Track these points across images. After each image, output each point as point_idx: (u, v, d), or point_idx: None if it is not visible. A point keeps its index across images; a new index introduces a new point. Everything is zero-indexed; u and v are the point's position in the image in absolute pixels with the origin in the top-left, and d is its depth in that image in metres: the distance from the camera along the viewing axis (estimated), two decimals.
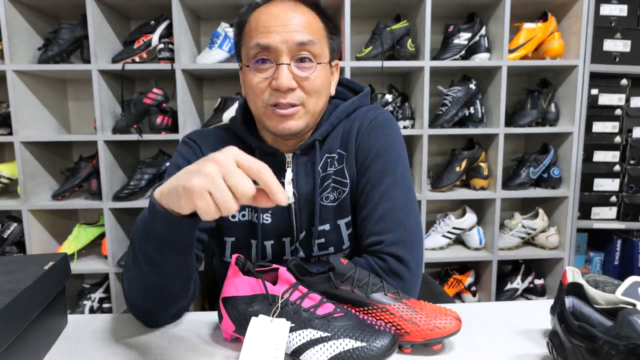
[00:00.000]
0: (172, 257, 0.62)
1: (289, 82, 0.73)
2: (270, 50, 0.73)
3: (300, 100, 0.75)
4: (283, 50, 0.73)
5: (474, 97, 1.83)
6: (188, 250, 0.64)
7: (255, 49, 0.74)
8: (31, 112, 1.71)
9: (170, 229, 0.58)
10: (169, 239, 0.59)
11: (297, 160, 0.82)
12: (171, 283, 0.66)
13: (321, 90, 0.78)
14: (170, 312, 0.70)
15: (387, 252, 0.75)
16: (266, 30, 0.73)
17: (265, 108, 0.76)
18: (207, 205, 0.49)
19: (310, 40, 0.74)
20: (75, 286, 1.89)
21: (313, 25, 0.76)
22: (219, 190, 0.48)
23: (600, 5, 1.81)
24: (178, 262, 0.63)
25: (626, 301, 0.55)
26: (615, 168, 1.88)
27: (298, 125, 0.77)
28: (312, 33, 0.75)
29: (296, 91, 0.75)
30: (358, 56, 1.77)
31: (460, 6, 1.83)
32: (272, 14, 0.74)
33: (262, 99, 0.76)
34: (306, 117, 0.78)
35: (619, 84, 1.85)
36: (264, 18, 0.74)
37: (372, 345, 0.55)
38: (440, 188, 1.85)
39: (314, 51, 0.74)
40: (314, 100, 0.77)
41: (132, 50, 1.72)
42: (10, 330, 0.50)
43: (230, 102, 1.77)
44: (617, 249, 1.97)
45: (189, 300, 0.73)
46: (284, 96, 0.74)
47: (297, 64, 0.74)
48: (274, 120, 0.76)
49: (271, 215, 0.83)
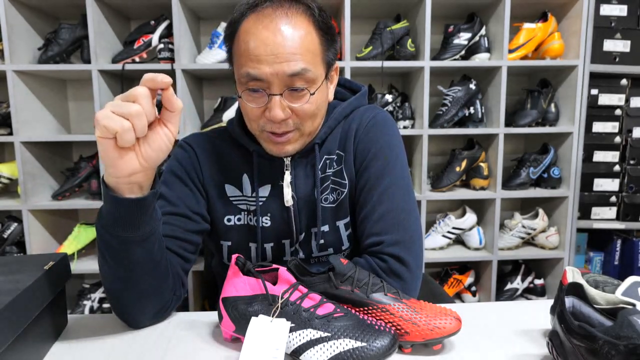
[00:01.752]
0: (131, 247, 0.63)
1: (282, 114, 0.71)
2: (262, 81, 0.70)
3: (296, 126, 0.75)
4: (274, 82, 0.69)
5: (474, 97, 1.83)
6: (146, 239, 0.64)
7: (246, 78, 0.71)
8: (31, 112, 1.71)
9: (118, 209, 0.60)
10: (121, 221, 0.61)
11: (296, 163, 0.82)
12: (138, 278, 0.66)
13: (317, 112, 0.76)
14: (147, 311, 0.69)
15: (387, 252, 0.75)
16: (256, 59, 0.69)
17: (260, 132, 0.76)
18: (113, 123, 0.54)
19: (303, 68, 0.69)
20: (75, 286, 1.89)
21: (307, 45, 0.70)
22: (110, 122, 0.54)
23: (600, 5, 1.81)
24: (137, 253, 0.64)
25: (626, 301, 0.55)
26: (615, 168, 1.88)
27: (295, 147, 0.77)
28: (305, 58, 0.70)
29: (290, 119, 0.73)
30: (358, 56, 1.77)
31: (460, 6, 1.83)
32: (262, 39, 0.68)
33: (258, 124, 0.75)
34: (302, 139, 0.78)
35: (618, 84, 1.85)
36: (253, 44, 0.69)
37: (372, 345, 0.55)
38: (440, 188, 1.85)
39: (307, 78, 0.71)
40: (309, 123, 0.76)
41: (132, 50, 1.72)
42: (10, 330, 0.50)
43: (230, 102, 1.77)
44: (617, 249, 1.97)
45: (170, 301, 0.72)
46: (278, 126, 0.73)
47: (290, 93, 0.71)
48: (270, 145, 0.77)
49: (270, 218, 0.83)
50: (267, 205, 0.82)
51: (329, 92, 0.81)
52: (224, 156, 0.85)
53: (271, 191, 0.82)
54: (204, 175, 0.83)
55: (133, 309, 0.69)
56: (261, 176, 0.83)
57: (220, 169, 0.84)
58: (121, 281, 0.66)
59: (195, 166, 0.83)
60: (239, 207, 0.84)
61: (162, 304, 0.71)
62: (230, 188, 0.84)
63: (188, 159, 0.84)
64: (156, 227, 0.65)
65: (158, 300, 0.70)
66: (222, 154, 0.85)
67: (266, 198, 0.82)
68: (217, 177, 0.84)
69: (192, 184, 0.82)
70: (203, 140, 0.86)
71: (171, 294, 0.72)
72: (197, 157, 0.84)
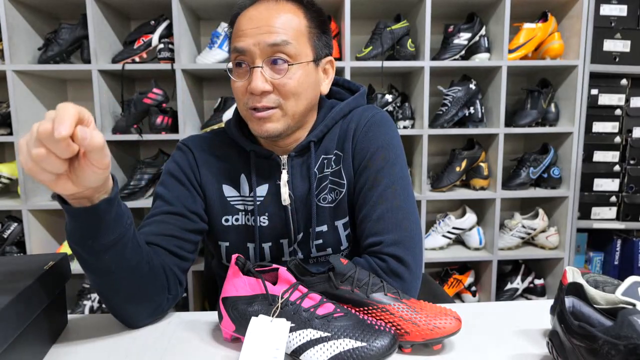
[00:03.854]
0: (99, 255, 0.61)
1: (262, 85, 0.72)
2: (245, 53, 0.73)
3: (277, 103, 0.74)
4: (256, 52, 0.72)
5: (474, 97, 1.83)
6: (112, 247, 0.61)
7: (234, 53, 0.75)
8: (31, 112, 1.71)
9: (74, 220, 0.58)
10: (80, 231, 0.59)
11: (292, 162, 0.82)
12: (117, 284, 0.65)
13: (300, 92, 0.75)
14: (138, 312, 0.69)
15: (386, 252, 0.75)
16: (242, 34, 0.73)
17: (246, 111, 0.77)
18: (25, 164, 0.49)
19: (283, 40, 0.72)
20: (75, 286, 1.88)
21: (291, 24, 0.74)
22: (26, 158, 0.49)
23: (600, 5, 1.81)
24: (107, 261, 0.62)
25: (626, 301, 0.55)
26: (615, 168, 1.88)
27: (276, 127, 0.76)
28: (287, 33, 0.73)
29: (271, 94, 0.74)
30: (358, 56, 1.77)
31: (460, 6, 1.82)
32: (249, 16, 0.74)
33: (243, 102, 0.76)
34: (285, 120, 0.76)
35: (618, 84, 1.85)
36: (243, 21, 0.74)
37: (372, 345, 0.55)
38: (440, 188, 1.85)
39: (288, 52, 0.72)
40: (292, 102, 0.75)
41: (132, 50, 1.72)
42: (11, 330, 0.50)
43: (230, 102, 1.77)
44: (617, 249, 1.97)
45: (164, 301, 0.72)
46: (259, 100, 0.74)
47: (270, 66, 0.73)
48: (254, 123, 0.77)
49: (268, 218, 0.83)
50: (264, 204, 0.83)
51: (321, 84, 0.82)
52: (222, 157, 0.85)
53: (269, 191, 0.83)
54: (202, 177, 0.84)
55: (124, 312, 0.69)
56: (258, 176, 0.83)
57: (218, 170, 0.84)
58: (103, 288, 0.66)
59: (192, 167, 0.84)
60: (236, 208, 0.84)
61: (154, 305, 0.71)
62: (227, 189, 0.84)
63: (186, 161, 0.84)
64: (123, 233, 0.62)
65: (147, 302, 0.69)
66: (219, 155, 0.85)
67: (264, 197, 0.83)
68: (215, 178, 0.84)
69: (190, 185, 0.83)
70: (201, 142, 0.87)
71: (164, 294, 0.72)
72: (194, 158, 0.84)
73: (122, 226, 0.61)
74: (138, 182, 1.75)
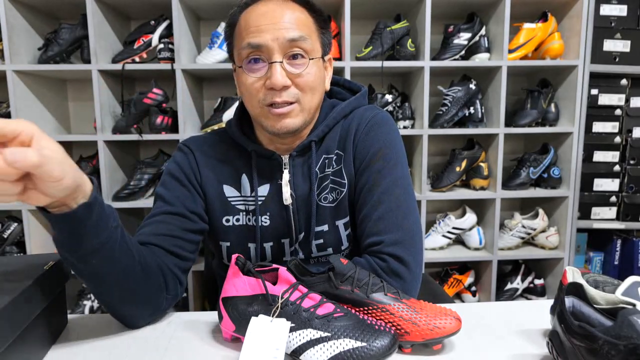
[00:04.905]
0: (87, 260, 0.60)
1: (283, 80, 0.72)
2: (262, 49, 0.72)
3: (296, 98, 0.75)
4: (274, 48, 0.72)
5: (474, 97, 1.83)
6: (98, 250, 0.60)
7: (247, 49, 0.73)
8: (31, 112, 1.71)
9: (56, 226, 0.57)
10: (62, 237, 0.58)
11: (294, 162, 0.82)
12: (110, 287, 0.65)
13: (315, 86, 0.77)
14: (136, 313, 0.69)
15: (386, 252, 0.75)
16: (256, 30, 0.72)
17: (261, 108, 0.76)
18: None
19: (301, 36, 0.73)
20: (75, 286, 1.88)
21: (303, 21, 0.75)
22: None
23: (600, 5, 1.81)
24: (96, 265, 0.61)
25: (626, 301, 0.55)
26: (615, 168, 1.88)
27: (295, 123, 0.76)
28: (303, 29, 0.74)
29: (290, 89, 0.74)
30: (358, 56, 1.77)
31: (460, 6, 1.82)
32: (261, 13, 0.73)
33: (258, 99, 0.75)
34: (303, 115, 0.77)
35: (618, 84, 1.85)
36: (253, 17, 0.74)
37: (372, 345, 0.55)
38: (440, 188, 1.85)
39: (305, 47, 0.74)
40: (309, 97, 0.77)
41: (132, 50, 1.72)
42: (10, 330, 0.50)
43: (230, 102, 1.77)
44: (617, 249, 1.97)
45: (163, 301, 0.72)
46: (279, 95, 0.73)
47: (289, 61, 0.74)
48: (271, 120, 0.76)
49: (269, 218, 0.83)
50: (266, 204, 0.83)
51: (325, 79, 0.83)
52: (223, 157, 0.85)
53: (270, 190, 0.83)
54: (202, 177, 0.84)
55: (121, 313, 0.69)
56: (260, 175, 0.83)
57: (219, 171, 0.84)
58: (97, 291, 0.66)
59: (193, 168, 0.84)
60: (237, 208, 0.84)
61: (152, 305, 0.71)
62: (228, 189, 0.84)
63: (186, 161, 0.84)
64: (109, 236, 0.60)
65: (143, 303, 0.69)
66: (220, 155, 0.85)
67: (265, 197, 0.83)
68: (216, 178, 0.84)
69: (190, 185, 0.83)
70: (201, 143, 0.87)
71: (161, 294, 0.72)
72: (195, 159, 0.84)
73: (106, 230, 0.60)
74: (138, 182, 1.75)
